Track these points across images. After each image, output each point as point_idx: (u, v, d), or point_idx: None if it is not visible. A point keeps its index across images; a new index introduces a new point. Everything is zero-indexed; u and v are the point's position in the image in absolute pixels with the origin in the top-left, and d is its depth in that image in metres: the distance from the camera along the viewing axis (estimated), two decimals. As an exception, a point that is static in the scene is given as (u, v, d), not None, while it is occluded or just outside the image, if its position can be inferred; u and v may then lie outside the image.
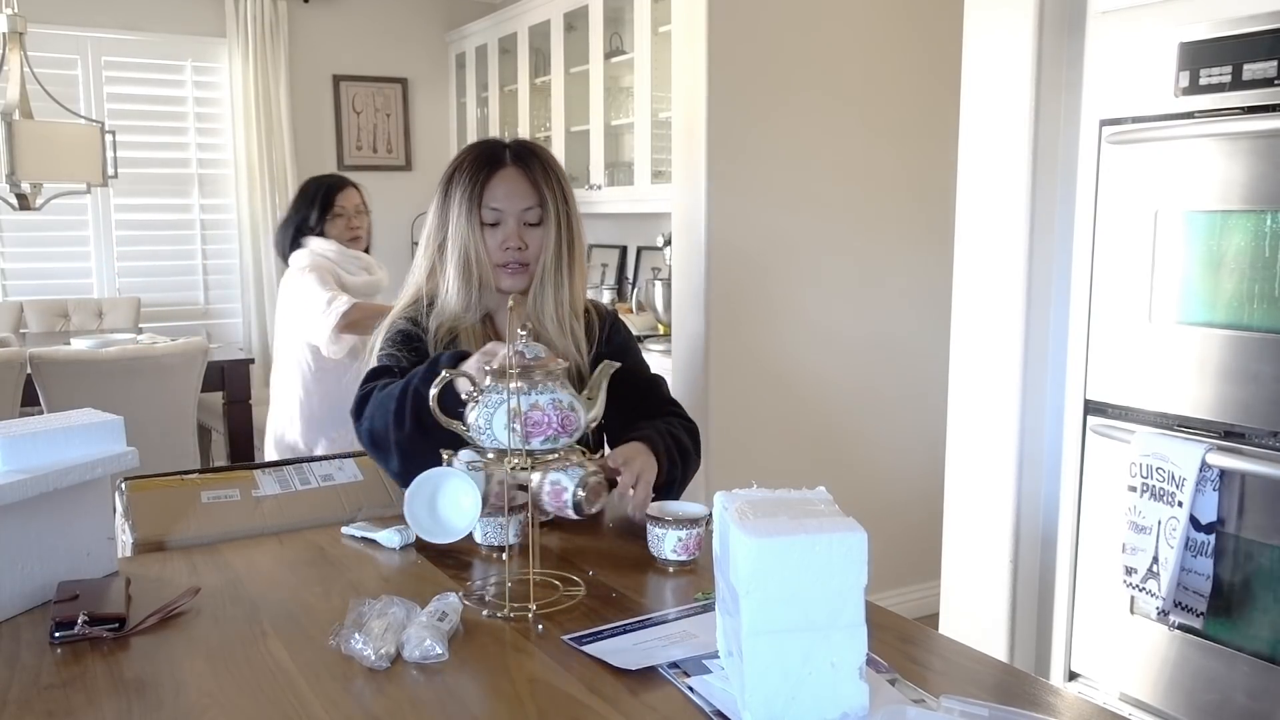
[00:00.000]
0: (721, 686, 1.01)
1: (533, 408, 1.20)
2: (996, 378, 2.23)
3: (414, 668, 1.06)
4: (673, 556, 1.36)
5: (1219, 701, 1.87)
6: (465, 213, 1.60)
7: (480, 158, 1.64)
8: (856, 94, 3.17)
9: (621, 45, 4.18)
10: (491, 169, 1.62)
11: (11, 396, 3.34)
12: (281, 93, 5.23)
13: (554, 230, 1.61)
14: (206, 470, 1.61)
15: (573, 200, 1.66)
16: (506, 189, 1.61)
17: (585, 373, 1.64)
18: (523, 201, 1.61)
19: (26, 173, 3.77)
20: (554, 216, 1.61)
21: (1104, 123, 2.02)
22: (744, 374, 3.07)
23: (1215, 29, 1.80)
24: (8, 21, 3.79)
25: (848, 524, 0.94)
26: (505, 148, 1.66)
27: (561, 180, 1.64)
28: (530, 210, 1.61)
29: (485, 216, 1.61)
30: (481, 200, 1.60)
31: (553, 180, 1.63)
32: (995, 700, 0.96)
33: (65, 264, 5.00)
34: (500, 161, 1.63)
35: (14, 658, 1.09)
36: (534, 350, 1.25)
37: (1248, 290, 1.79)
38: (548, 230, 1.62)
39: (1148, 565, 1.89)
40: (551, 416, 1.21)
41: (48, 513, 1.24)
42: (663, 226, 3.72)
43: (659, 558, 1.37)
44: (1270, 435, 1.76)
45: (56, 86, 4.24)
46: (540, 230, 1.62)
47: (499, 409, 1.20)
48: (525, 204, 1.61)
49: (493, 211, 1.61)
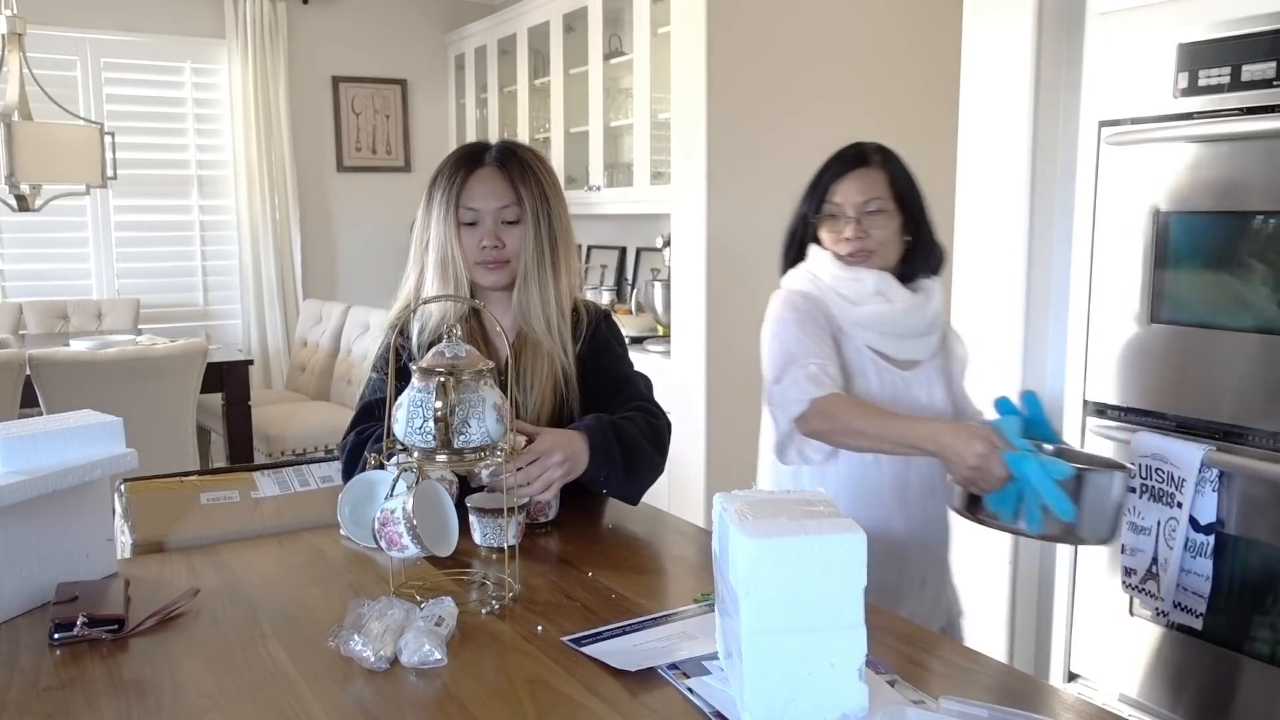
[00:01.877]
0: (721, 687, 1.01)
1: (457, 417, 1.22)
2: (997, 378, 2.23)
3: (414, 670, 1.06)
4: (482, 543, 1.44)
5: (1219, 702, 1.87)
6: (444, 214, 1.61)
7: (460, 159, 1.65)
8: (856, 94, 3.17)
9: (621, 46, 4.18)
10: (470, 169, 1.62)
11: (10, 398, 3.33)
12: (281, 94, 5.23)
13: (533, 229, 1.60)
14: (206, 471, 1.60)
15: (556, 200, 1.64)
16: (483, 189, 1.61)
17: (570, 372, 1.63)
18: (498, 200, 1.60)
19: (26, 174, 3.77)
20: (531, 216, 1.60)
21: (1103, 123, 2.02)
22: (744, 374, 3.06)
23: (1214, 30, 1.80)
24: (7, 23, 3.79)
25: (847, 525, 0.94)
26: (487, 149, 1.66)
27: (542, 180, 1.63)
28: (507, 209, 1.61)
29: (463, 216, 1.61)
30: (459, 200, 1.61)
31: (531, 180, 1.61)
32: (995, 701, 0.96)
33: (64, 265, 4.99)
34: (479, 162, 1.63)
35: (13, 659, 1.09)
36: (454, 349, 1.26)
37: (1247, 291, 1.79)
38: (526, 229, 1.61)
39: (1147, 566, 1.89)
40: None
41: (47, 514, 1.24)
42: (662, 227, 3.72)
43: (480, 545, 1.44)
44: (1270, 436, 1.76)
45: (56, 88, 4.24)
46: (519, 229, 1.61)
47: (416, 410, 1.22)
48: (501, 203, 1.60)
49: (470, 211, 1.61)
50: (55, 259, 4.97)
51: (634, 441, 1.56)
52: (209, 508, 1.52)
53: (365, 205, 5.60)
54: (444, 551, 1.26)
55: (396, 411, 1.25)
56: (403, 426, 1.23)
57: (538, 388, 1.61)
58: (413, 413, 1.22)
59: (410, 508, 1.20)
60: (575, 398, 1.63)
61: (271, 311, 5.33)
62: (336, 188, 5.57)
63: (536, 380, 1.61)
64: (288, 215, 5.33)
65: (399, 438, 1.24)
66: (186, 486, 1.55)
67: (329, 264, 5.59)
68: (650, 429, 1.61)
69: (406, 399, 1.24)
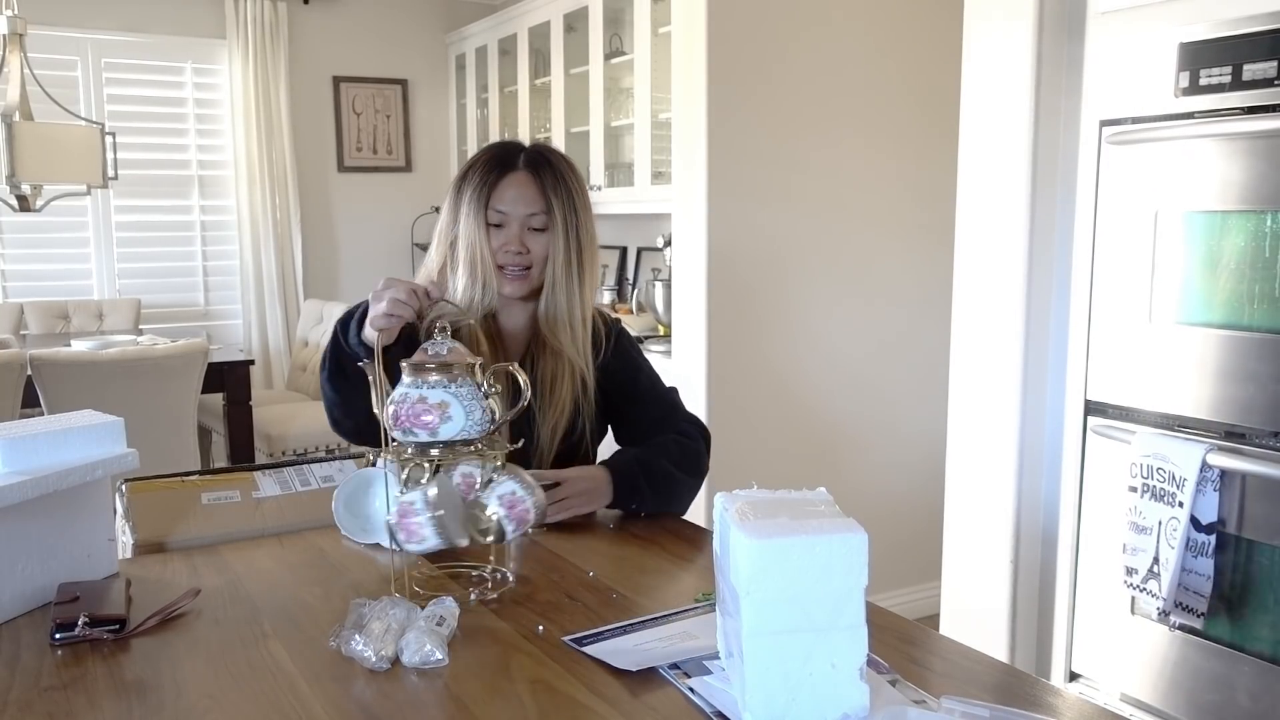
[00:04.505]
0: (722, 687, 1.01)
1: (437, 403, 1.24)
2: (997, 378, 2.23)
3: (414, 670, 1.06)
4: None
5: (1220, 702, 1.87)
6: (473, 212, 1.61)
7: (494, 159, 1.65)
8: (857, 94, 3.17)
9: (621, 46, 4.18)
10: (502, 171, 1.63)
11: (12, 398, 3.34)
12: (281, 94, 5.23)
13: (561, 239, 1.61)
14: (207, 472, 1.60)
15: (584, 210, 1.64)
16: (514, 193, 1.61)
17: (590, 383, 1.65)
18: (528, 207, 1.61)
19: (27, 174, 3.78)
20: (561, 225, 1.61)
21: (1104, 123, 2.02)
22: (744, 374, 3.08)
23: (1215, 29, 1.80)
24: (8, 23, 3.79)
25: (848, 525, 0.94)
26: (522, 151, 1.66)
27: (573, 190, 1.63)
28: (535, 216, 1.61)
29: (491, 218, 1.61)
30: (489, 201, 1.61)
31: (562, 190, 1.62)
32: (996, 701, 0.96)
33: (65, 265, 5.00)
34: (512, 165, 1.63)
35: (14, 659, 1.09)
36: (444, 346, 1.27)
37: (1248, 290, 1.79)
38: (555, 238, 1.61)
39: (1148, 566, 1.89)
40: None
41: (48, 514, 1.24)
42: (663, 227, 3.72)
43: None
44: (1270, 435, 1.76)
45: (57, 88, 4.24)
46: (545, 236, 1.62)
47: (474, 404, 1.24)
48: (530, 210, 1.61)
49: (498, 214, 1.61)
50: (56, 259, 4.98)
51: (662, 473, 1.59)
52: (210, 508, 1.52)
53: (366, 205, 5.61)
54: (464, 541, 1.26)
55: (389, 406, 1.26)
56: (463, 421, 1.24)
57: (559, 396, 1.62)
58: (470, 406, 1.23)
59: (434, 496, 1.19)
60: (592, 409, 1.66)
61: (272, 311, 5.33)
62: (337, 187, 5.57)
63: (558, 388, 1.62)
64: (289, 215, 5.33)
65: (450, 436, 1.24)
66: (187, 486, 1.55)
67: (330, 264, 5.59)
68: (682, 453, 1.65)
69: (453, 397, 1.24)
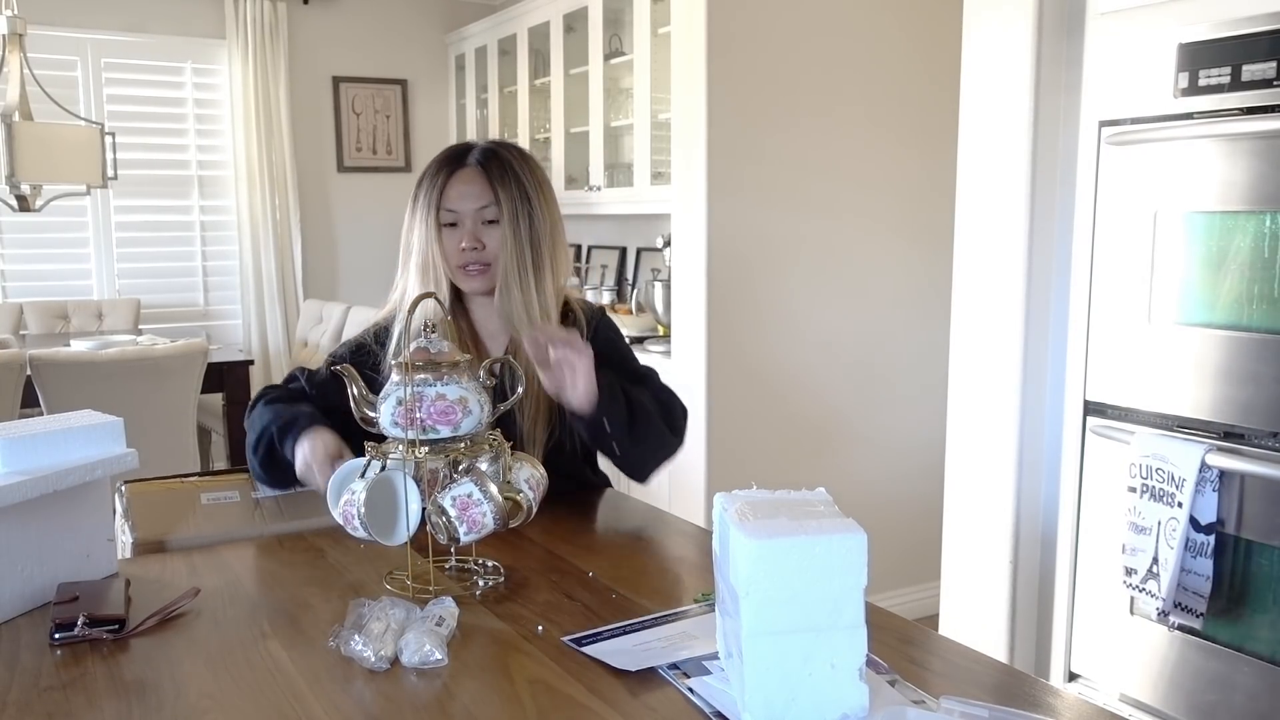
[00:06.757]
0: (721, 688, 1.01)
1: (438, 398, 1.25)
2: (996, 378, 2.23)
3: (414, 670, 1.06)
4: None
5: (1219, 702, 1.87)
6: (425, 215, 1.60)
7: (445, 160, 1.63)
8: (856, 95, 3.17)
9: (621, 47, 4.18)
10: (451, 170, 1.61)
11: (11, 398, 3.34)
12: (281, 94, 5.23)
13: (510, 230, 1.58)
14: (206, 472, 1.61)
15: (538, 198, 1.61)
16: (461, 190, 1.60)
17: None
18: (476, 201, 1.59)
19: (26, 174, 3.78)
20: (509, 216, 1.58)
21: (1103, 124, 2.02)
22: (744, 374, 3.08)
23: (1214, 30, 1.80)
24: (8, 23, 3.79)
25: (848, 525, 0.94)
26: (471, 149, 1.64)
27: (522, 179, 1.60)
28: (486, 209, 1.59)
29: (443, 218, 1.60)
30: (439, 202, 1.60)
31: (510, 179, 1.59)
32: (995, 701, 0.96)
33: (65, 265, 5.00)
34: (461, 162, 1.62)
35: (14, 659, 1.09)
36: (444, 344, 1.28)
37: (1247, 291, 1.79)
38: (504, 230, 1.58)
39: (1148, 566, 1.89)
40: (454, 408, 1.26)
41: (47, 514, 1.24)
42: (662, 228, 3.72)
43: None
44: (1270, 436, 1.76)
45: (56, 88, 4.24)
46: (499, 229, 1.60)
47: (385, 401, 1.27)
48: (479, 204, 1.59)
49: (449, 213, 1.60)
50: (56, 259, 4.98)
51: (641, 405, 1.55)
52: (209, 508, 1.52)
53: (366, 205, 5.61)
54: (393, 542, 1.27)
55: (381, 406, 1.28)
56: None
57: (533, 391, 1.59)
58: (481, 399, 1.28)
59: (362, 497, 1.23)
60: None
61: (272, 312, 5.33)
62: (337, 188, 5.57)
63: (532, 383, 1.60)
64: (288, 215, 5.33)
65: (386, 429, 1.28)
66: (187, 487, 1.55)
67: (329, 264, 5.59)
68: (659, 402, 1.61)
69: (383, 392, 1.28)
